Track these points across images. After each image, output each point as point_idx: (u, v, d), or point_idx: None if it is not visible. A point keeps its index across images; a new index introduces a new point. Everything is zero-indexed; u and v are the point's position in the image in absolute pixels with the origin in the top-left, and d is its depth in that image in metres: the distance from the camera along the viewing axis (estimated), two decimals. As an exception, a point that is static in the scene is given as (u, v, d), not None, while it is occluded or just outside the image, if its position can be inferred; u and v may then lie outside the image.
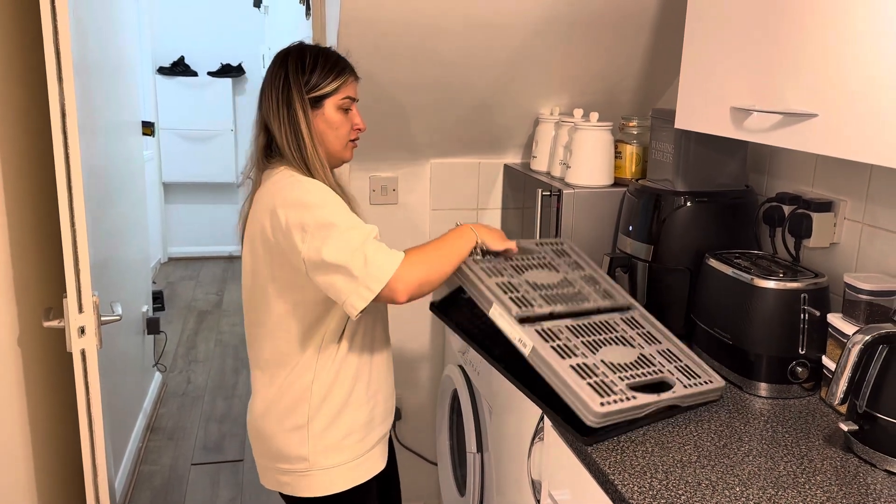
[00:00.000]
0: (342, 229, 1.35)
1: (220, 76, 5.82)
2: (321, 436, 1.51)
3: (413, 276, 1.35)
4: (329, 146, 1.52)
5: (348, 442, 1.53)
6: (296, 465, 1.52)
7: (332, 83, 1.49)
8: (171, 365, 4.05)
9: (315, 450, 1.51)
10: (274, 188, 1.44)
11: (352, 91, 1.53)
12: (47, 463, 1.94)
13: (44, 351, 1.93)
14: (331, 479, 1.52)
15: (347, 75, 1.52)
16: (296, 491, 1.54)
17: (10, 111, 1.75)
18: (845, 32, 1.21)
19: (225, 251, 6.19)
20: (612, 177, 2.09)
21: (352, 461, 1.54)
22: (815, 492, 1.17)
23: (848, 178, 1.63)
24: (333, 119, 1.51)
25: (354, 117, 1.55)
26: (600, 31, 2.08)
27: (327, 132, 1.51)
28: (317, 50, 1.53)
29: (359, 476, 1.55)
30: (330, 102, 1.50)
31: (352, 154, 1.58)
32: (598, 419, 1.29)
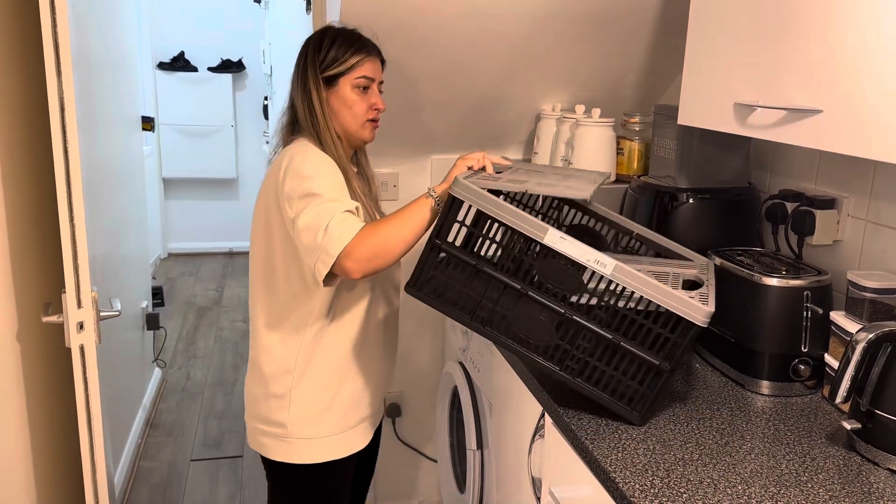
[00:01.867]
0: (321, 200, 1.39)
1: (221, 71, 5.81)
2: (302, 405, 1.56)
3: (363, 249, 1.34)
4: (345, 125, 1.56)
5: (329, 416, 1.58)
6: (274, 429, 1.58)
7: (346, 62, 1.53)
8: (171, 361, 4.05)
9: (294, 418, 1.56)
10: (285, 155, 1.50)
11: (369, 70, 1.55)
12: (46, 458, 1.93)
13: (42, 346, 1.92)
14: (306, 449, 1.58)
15: (363, 55, 1.55)
16: (270, 454, 1.60)
17: (8, 106, 1.74)
18: (850, 28, 1.20)
19: (225, 247, 6.18)
20: (614, 173, 2.08)
21: (330, 436, 1.59)
22: (817, 490, 1.17)
23: (851, 175, 1.62)
24: (348, 97, 1.54)
25: (372, 97, 1.57)
26: (603, 27, 2.07)
27: (342, 110, 1.55)
28: (338, 30, 1.58)
29: (335, 451, 1.60)
30: (345, 81, 1.54)
31: (372, 134, 1.60)
32: (707, 317, 1.28)
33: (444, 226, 1.39)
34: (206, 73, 5.79)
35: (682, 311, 1.28)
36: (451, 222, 1.39)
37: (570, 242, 1.32)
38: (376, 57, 1.59)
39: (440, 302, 1.43)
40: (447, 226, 1.39)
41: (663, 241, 1.68)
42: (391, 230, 1.38)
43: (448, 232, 1.39)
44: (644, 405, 1.34)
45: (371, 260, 1.36)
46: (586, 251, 1.31)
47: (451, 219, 1.38)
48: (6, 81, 1.73)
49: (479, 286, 1.40)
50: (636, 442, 1.30)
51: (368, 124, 1.58)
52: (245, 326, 4.60)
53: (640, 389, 1.34)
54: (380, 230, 1.38)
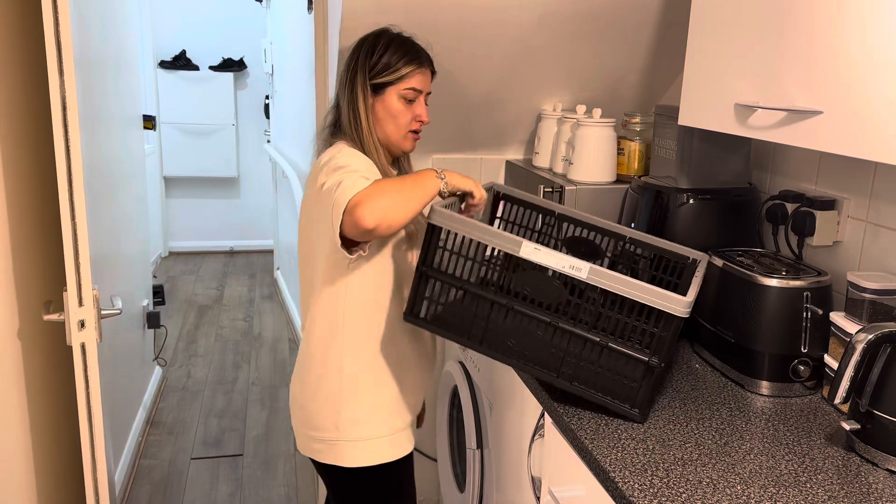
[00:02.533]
0: (346, 170, 1.38)
1: (222, 70, 5.81)
2: (352, 408, 1.55)
3: (377, 201, 1.31)
4: (387, 133, 1.55)
5: (379, 417, 1.57)
6: (327, 434, 1.56)
7: (396, 72, 1.52)
8: (172, 359, 4.05)
9: (345, 421, 1.55)
10: (325, 154, 1.50)
11: (418, 83, 1.54)
12: (47, 456, 1.93)
13: (44, 344, 1.92)
14: (359, 452, 1.56)
15: (415, 66, 1.53)
16: (326, 458, 1.58)
17: (10, 104, 1.74)
18: (851, 28, 1.20)
19: (226, 246, 6.19)
20: (614, 173, 2.08)
21: (382, 437, 1.58)
22: (816, 490, 1.17)
23: (852, 176, 1.62)
24: (393, 107, 1.53)
25: (418, 108, 1.55)
26: (603, 27, 2.08)
27: (386, 119, 1.53)
28: (392, 37, 1.55)
29: (389, 453, 1.59)
30: (392, 90, 1.52)
31: (412, 145, 1.59)
32: (686, 307, 1.29)
33: (428, 252, 1.44)
34: (207, 72, 5.80)
35: (660, 305, 1.30)
36: (434, 248, 1.44)
37: (544, 252, 1.35)
38: (428, 68, 1.57)
39: (437, 326, 1.49)
40: (431, 252, 1.44)
41: (658, 241, 1.69)
42: (404, 192, 1.36)
43: (433, 258, 1.44)
44: (642, 402, 1.35)
45: (386, 214, 1.31)
46: (561, 259, 1.34)
47: (433, 245, 1.43)
48: (8, 81, 1.73)
49: (470, 307, 1.44)
50: (636, 441, 1.30)
51: (410, 135, 1.56)
52: (245, 325, 4.61)
53: (636, 387, 1.35)
54: (392, 187, 1.35)
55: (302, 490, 2.88)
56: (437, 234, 1.42)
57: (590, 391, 1.38)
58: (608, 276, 1.32)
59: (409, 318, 1.48)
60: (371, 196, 1.31)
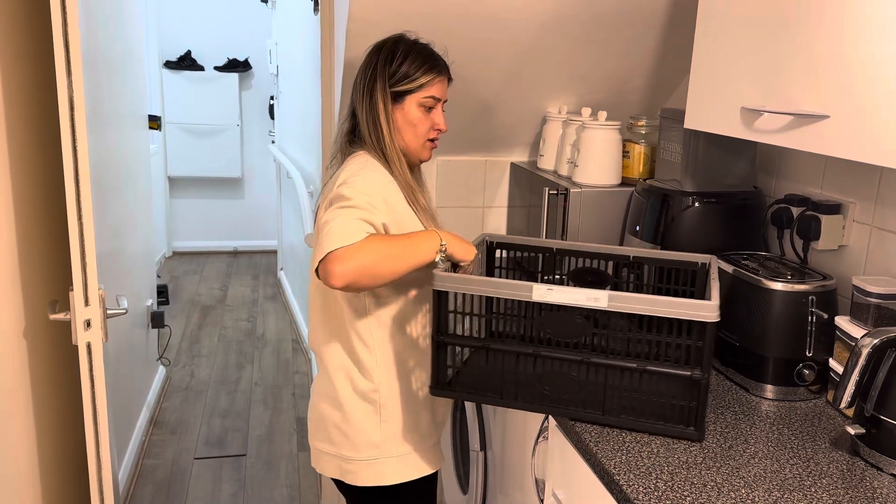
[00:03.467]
0: (344, 206, 1.36)
1: (227, 71, 5.82)
2: (391, 424, 1.53)
3: (354, 262, 1.28)
4: (406, 142, 1.53)
5: (417, 433, 1.55)
6: (365, 453, 1.52)
7: (416, 80, 1.50)
8: (175, 359, 4.06)
9: (386, 437, 1.52)
10: (342, 171, 1.46)
11: (437, 91, 1.52)
12: (51, 455, 1.94)
13: (49, 343, 1.93)
14: (399, 468, 1.54)
15: (434, 75, 1.51)
16: (360, 480, 1.53)
17: (18, 103, 1.75)
18: (858, 33, 1.20)
19: (229, 246, 6.19)
20: (619, 176, 2.08)
21: (418, 451, 1.56)
22: (821, 495, 1.17)
23: (857, 181, 1.62)
24: (412, 116, 1.51)
25: (436, 117, 1.54)
26: (609, 30, 2.08)
27: (405, 128, 1.51)
28: (411, 45, 1.53)
29: (424, 467, 1.57)
30: (412, 99, 1.51)
31: (430, 154, 1.57)
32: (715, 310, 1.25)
33: (440, 319, 1.40)
34: (212, 73, 5.81)
35: (690, 315, 1.26)
36: (445, 314, 1.40)
37: (557, 291, 1.32)
38: (446, 76, 1.55)
39: (468, 393, 1.48)
40: (443, 318, 1.40)
41: (662, 253, 1.63)
42: (393, 254, 1.34)
43: (446, 324, 1.41)
44: (695, 418, 1.31)
45: (358, 276, 1.30)
46: (576, 293, 1.31)
47: (444, 311, 1.40)
48: (17, 80, 1.74)
49: (496, 364, 1.42)
50: (640, 444, 1.30)
51: (428, 144, 1.55)
52: (248, 325, 4.61)
53: (685, 405, 1.31)
54: (380, 249, 1.32)
55: (305, 490, 2.88)
56: (444, 300, 1.39)
57: (640, 420, 1.34)
58: (629, 298, 1.29)
59: (435, 391, 1.45)
60: (351, 256, 1.28)
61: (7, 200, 1.68)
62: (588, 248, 1.68)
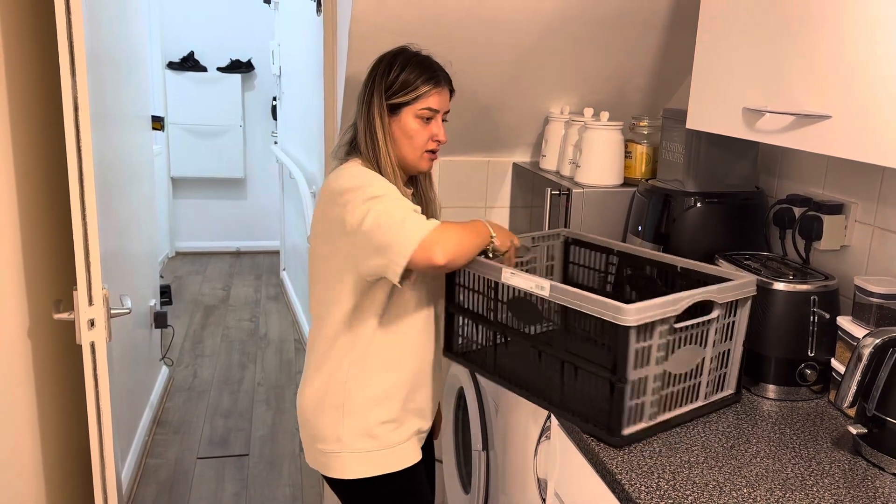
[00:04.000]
0: (386, 198, 1.39)
1: (230, 72, 5.83)
2: (355, 419, 1.54)
3: (450, 242, 1.37)
4: (403, 154, 1.52)
5: (382, 430, 1.56)
6: (330, 446, 1.55)
7: (411, 93, 1.49)
8: (178, 359, 4.07)
9: (348, 432, 1.54)
10: (334, 174, 1.49)
11: (435, 102, 1.51)
12: (55, 454, 1.95)
13: (53, 343, 1.94)
14: (362, 463, 1.55)
15: (431, 86, 1.50)
16: (329, 471, 1.57)
17: (23, 105, 1.75)
18: (859, 33, 1.20)
19: (232, 246, 6.20)
20: (621, 176, 2.08)
21: (385, 448, 1.56)
22: (822, 494, 1.17)
23: (859, 181, 1.62)
24: (409, 128, 1.50)
25: (434, 128, 1.53)
26: (611, 30, 2.08)
27: (402, 140, 1.51)
28: (409, 56, 1.52)
29: (392, 464, 1.57)
30: (409, 110, 1.50)
31: (429, 165, 1.57)
32: (635, 316, 1.24)
33: (451, 291, 1.60)
34: (215, 73, 5.82)
35: (606, 315, 1.26)
36: (453, 286, 1.61)
37: (518, 277, 1.42)
38: (445, 87, 1.54)
39: (466, 360, 1.65)
40: (453, 290, 1.61)
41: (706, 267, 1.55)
42: (467, 236, 1.44)
43: (454, 295, 1.61)
44: (612, 424, 1.30)
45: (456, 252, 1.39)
46: (529, 279, 1.40)
47: (452, 283, 1.60)
48: (21, 81, 1.74)
49: (486, 339, 1.58)
50: (642, 444, 1.31)
51: (426, 155, 1.54)
52: (251, 325, 4.62)
53: (606, 408, 1.31)
54: (457, 230, 1.42)
55: (307, 490, 2.89)
56: (453, 275, 1.59)
57: (574, 417, 1.37)
58: (565, 291, 1.34)
59: (446, 353, 1.66)
60: (444, 238, 1.37)
61: (12, 200, 1.69)
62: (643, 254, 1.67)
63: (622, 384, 1.27)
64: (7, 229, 1.67)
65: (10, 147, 1.67)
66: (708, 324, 1.38)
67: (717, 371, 1.44)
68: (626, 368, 1.27)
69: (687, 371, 1.38)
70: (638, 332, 1.26)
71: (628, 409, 1.30)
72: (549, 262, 1.81)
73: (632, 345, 1.26)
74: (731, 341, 1.46)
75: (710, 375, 1.42)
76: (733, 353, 1.47)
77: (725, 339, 1.44)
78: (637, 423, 1.32)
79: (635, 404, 1.31)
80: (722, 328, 1.42)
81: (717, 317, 1.39)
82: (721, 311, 1.39)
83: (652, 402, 1.33)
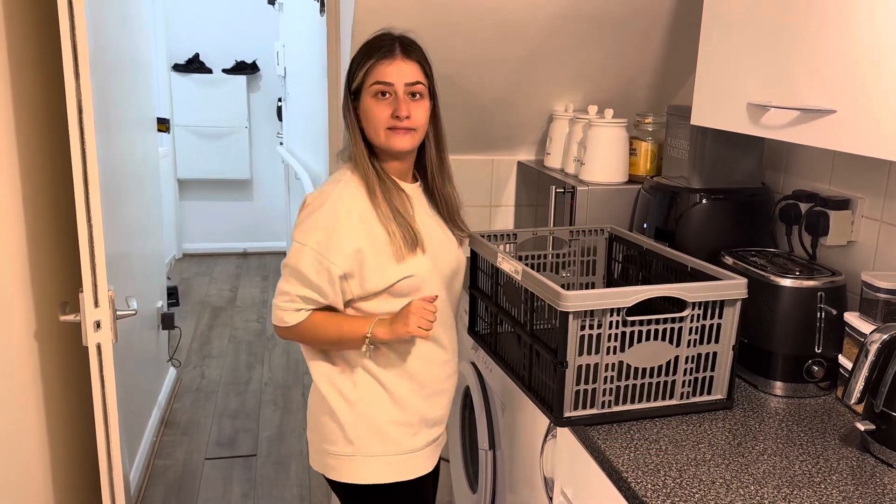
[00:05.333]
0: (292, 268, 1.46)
1: (235, 73, 5.84)
2: (369, 422, 1.50)
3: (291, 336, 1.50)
4: (369, 136, 1.46)
5: (397, 434, 1.51)
6: (341, 449, 1.52)
7: (359, 71, 1.44)
8: (186, 360, 4.08)
9: (360, 436, 1.50)
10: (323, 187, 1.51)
11: (384, 74, 1.41)
12: (63, 456, 1.95)
13: (60, 345, 1.94)
14: (374, 469, 1.51)
15: (376, 58, 1.42)
16: (339, 475, 1.53)
17: (27, 107, 1.76)
18: (864, 26, 1.20)
19: (239, 247, 6.22)
20: (626, 174, 2.08)
21: (398, 455, 1.52)
22: (830, 491, 1.16)
23: (866, 176, 1.61)
24: (366, 107, 1.44)
25: (396, 103, 1.42)
26: (615, 28, 2.07)
27: (365, 124, 1.46)
28: (369, 39, 1.48)
29: (404, 472, 1.53)
30: (365, 93, 1.44)
31: (400, 143, 1.44)
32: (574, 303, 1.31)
33: (472, 274, 1.75)
34: (220, 75, 5.83)
35: (549, 300, 1.35)
36: (475, 270, 1.75)
37: (507, 262, 1.52)
38: (399, 57, 1.43)
39: (480, 340, 1.79)
40: (473, 274, 1.76)
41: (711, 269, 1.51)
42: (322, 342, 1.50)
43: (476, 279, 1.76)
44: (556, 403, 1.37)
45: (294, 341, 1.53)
46: (513, 264, 1.50)
47: (474, 267, 1.75)
48: (25, 84, 1.75)
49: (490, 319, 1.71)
50: (648, 442, 1.30)
51: (389, 133, 1.43)
52: (258, 326, 4.63)
53: (551, 388, 1.39)
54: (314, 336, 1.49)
55: (315, 490, 2.89)
56: (474, 258, 1.74)
57: (536, 398, 1.47)
58: (529, 276, 1.44)
59: (470, 333, 1.81)
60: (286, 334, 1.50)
61: (17, 203, 1.69)
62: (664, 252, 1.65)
63: (563, 367, 1.33)
64: (13, 232, 1.68)
65: (15, 150, 1.68)
66: (678, 321, 1.38)
67: (698, 373, 1.42)
68: (567, 352, 1.33)
69: (654, 367, 1.39)
70: (582, 319, 1.32)
71: (573, 392, 1.35)
72: (586, 258, 1.83)
73: (572, 330, 1.32)
74: (717, 344, 1.42)
75: (687, 375, 1.41)
76: (720, 356, 1.43)
77: (707, 341, 1.41)
78: (586, 409, 1.37)
79: (583, 389, 1.36)
80: (700, 328, 1.40)
81: (688, 315, 1.38)
82: (694, 311, 1.38)
83: (606, 391, 1.37)
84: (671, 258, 1.60)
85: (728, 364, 1.44)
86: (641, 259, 1.71)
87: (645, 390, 1.39)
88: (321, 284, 1.42)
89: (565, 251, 1.80)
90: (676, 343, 1.39)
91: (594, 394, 1.36)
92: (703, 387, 1.43)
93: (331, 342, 1.48)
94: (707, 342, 1.41)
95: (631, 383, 1.38)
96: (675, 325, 1.38)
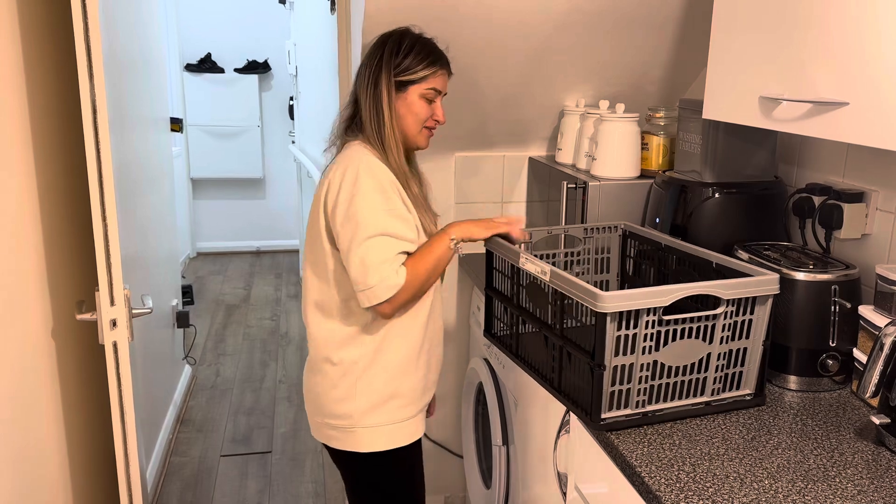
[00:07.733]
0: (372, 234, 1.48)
1: (247, 72, 5.87)
2: (368, 395, 1.60)
3: (402, 300, 1.51)
4: (404, 129, 1.60)
5: (394, 405, 1.62)
6: (341, 421, 1.61)
7: (420, 72, 1.58)
8: (201, 358, 4.11)
9: (360, 408, 1.60)
10: (340, 164, 1.55)
11: (439, 83, 1.61)
12: (80, 453, 1.97)
13: (77, 343, 1.96)
14: (374, 438, 1.62)
15: (437, 68, 1.59)
16: (342, 444, 1.63)
17: (42, 108, 1.78)
18: (876, 18, 1.19)
19: (252, 246, 6.25)
20: (638, 168, 2.07)
21: (396, 423, 1.63)
22: (845, 485, 1.16)
23: (880, 168, 1.60)
24: (414, 105, 1.59)
25: (436, 109, 1.62)
26: (626, 21, 2.07)
27: (406, 117, 1.59)
28: (416, 38, 1.61)
29: (401, 438, 1.64)
30: (415, 89, 1.58)
31: (426, 142, 1.65)
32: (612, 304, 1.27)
33: (487, 275, 1.70)
34: (232, 74, 5.86)
35: (587, 301, 1.30)
36: (490, 270, 1.70)
37: (530, 262, 1.49)
38: (447, 70, 1.63)
39: (497, 342, 1.73)
40: (488, 274, 1.71)
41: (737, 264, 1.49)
42: (428, 276, 1.54)
43: (491, 279, 1.71)
44: (594, 406, 1.32)
45: (406, 304, 1.54)
46: (536, 265, 1.47)
47: (489, 268, 1.70)
48: (40, 85, 1.77)
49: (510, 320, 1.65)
50: (662, 437, 1.30)
51: (425, 132, 1.63)
52: (272, 324, 4.65)
53: (588, 391, 1.34)
54: (419, 278, 1.51)
55: (330, 486, 2.91)
56: (490, 258, 1.69)
57: (569, 401, 1.43)
58: (560, 276, 1.39)
59: (486, 335, 1.77)
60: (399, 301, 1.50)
61: (33, 203, 1.71)
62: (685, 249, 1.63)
63: (600, 370, 1.30)
64: (30, 232, 1.70)
65: (31, 150, 1.70)
66: (712, 319, 1.36)
67: (728, 369, 1.41)
68: (605, 354, 1.29)
69: (687, 364, 1.36)
70: (619, 320, 1.28)
71: (609, 394, 1.32)
72: (601, 255, 1.81)
73: (609, 331, 1.28)
74: (748, 339, 1.42)
75: (718, 372, 1.39)
76: (751, 351, 1.42)
77: (739, 337, 1.40)
78: (620, 409, 1.33)
79: (618, 390, 1.32)
80: (732, 325, 1.39)
81: (722, 313, 1.36)
82: (728, 308, 1.37)
83: (640, 391, 1.34)
84: (695, 254, 1.58)
85: (758, 360, 1.42)
86: (657, 255, 1.70)
87: (677, 388, 1.37)
88: (405, 233, 1.52)
89: (579, 249, 1.79)
90: (709, 340, 1.37)
91: (628, 394, 1.33)
92: (732, 382, 1.42)
93: (432, 270, 1.54)
94: (739, 338, 1.40)
95: (664, 382, 1.35)
96: (709, 322, 1.36)
